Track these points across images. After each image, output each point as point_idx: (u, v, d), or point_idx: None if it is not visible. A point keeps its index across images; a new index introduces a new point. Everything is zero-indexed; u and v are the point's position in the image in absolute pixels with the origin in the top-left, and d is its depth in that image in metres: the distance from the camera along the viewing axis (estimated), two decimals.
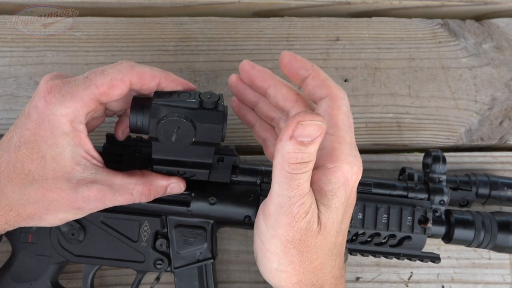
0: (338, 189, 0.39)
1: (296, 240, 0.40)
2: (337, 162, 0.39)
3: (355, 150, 0.41)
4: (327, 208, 0.40)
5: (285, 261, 0.41)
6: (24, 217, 0.43)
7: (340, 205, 0.40)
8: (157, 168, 0.46)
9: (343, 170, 0.39)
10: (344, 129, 0.41)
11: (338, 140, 0.40)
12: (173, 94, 0.44)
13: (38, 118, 0.41)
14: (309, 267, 0.41)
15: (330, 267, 0.42)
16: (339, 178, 0.39)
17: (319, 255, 0.41)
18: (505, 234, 0.51)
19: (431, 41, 0.67)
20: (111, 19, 0.66)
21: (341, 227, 0.41)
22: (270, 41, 0.66)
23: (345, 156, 0.40)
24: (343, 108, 0.41)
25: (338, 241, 0.42)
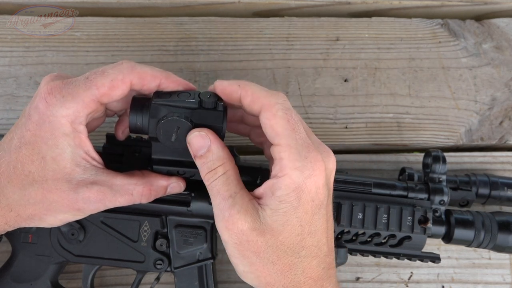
0: (287, 195, 0.39)
1: (244, 242, 0.40)
2: (285, 170, 0.39)
3: (305, 151, 0.40)
4: (273, 212, 0.40)
5: (246, 263, 0.41)
6: (24, 217, 0.43)
7: (292, 210, 0.40)
8: (157, 168, 0.46)
9: (292, 178, 0.39)
10: (285, 134, 0.40)
11: (283, 149, 0.40)
12: (172, 94, 0.44)
13: (39, 119, 0.41)
14: (273, 268, 0.41)
15: (302, 268, 0.41)
16: (288, 185, 0.39)
17: (280, 255, 0.41)
18: (505, 234, 0.51)
19: (431, 41, 0.67)
20: (111, 19, 0.66)
21: (308, 229, 0.41)
22: (270, 41, 0.66)
23: (292, 163, 0.39)
24: (279, 114, 0.40)
25: (307, 244, 0.41)
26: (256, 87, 0.42)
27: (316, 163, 0.40)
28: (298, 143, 0.40)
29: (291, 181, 0.39)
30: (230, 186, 0.41)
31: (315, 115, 0.63)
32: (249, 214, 0.40)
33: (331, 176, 0.43)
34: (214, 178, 0.41)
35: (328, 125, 0.63)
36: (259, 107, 0.41)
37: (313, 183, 0.40)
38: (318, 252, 0.42)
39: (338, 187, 0.51)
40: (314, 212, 0.41)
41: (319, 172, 0.40)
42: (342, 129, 0.63)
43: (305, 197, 0.40)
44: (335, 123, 0.63)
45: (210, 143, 0.41)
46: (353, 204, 0.50)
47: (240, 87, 0.42)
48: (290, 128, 0.40)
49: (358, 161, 0.62)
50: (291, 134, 0.40)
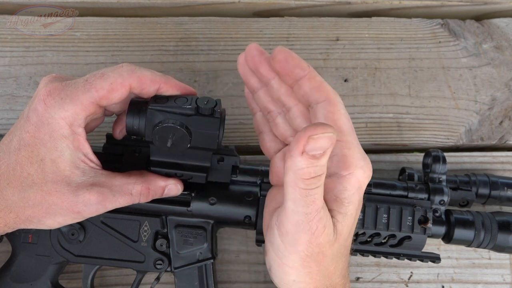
0: (353, 196, 0.39)
1: (315, 254, 0.39)
2: (351, 168, 0.38)
3: (364, 153, 0.40)
4: (344, 216, 0.39)
5: (303, 273, 0.40)
6: (23, 219, 0.43)
7: (355, 211, 0.39)
8: (155, 170, 0.46)
9: (357, 176, 0.38)
10: (349, 133, 0.40)
11: (347, 146, 0.39)
12: (170, 98, 0.44)
13: (38, 121, 0.41)
14: (325, 273, 0.41)
15: (341, 269, 0.42)
16: (354, 185, 0.38)
17: (337, 261, 0.41)
18: (505, 234, 0.51)
19: (431, 41, 0.67)
20: (111, 19, 0.66)
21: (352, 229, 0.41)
22: (270, 41, 0.66)
23: (357, 161, 0.39)
24: (342, 112, 0.40)
25: (347, 244, 0.42)
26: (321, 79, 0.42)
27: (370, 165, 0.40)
28: (357, 142, 0.40)
29: (356, 180, 0.38)
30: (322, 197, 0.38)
31: None
32: (331, 227, 0.38)
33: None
34: (316, 185, 0.36)
35: None
36: (323, 98, 0.40)
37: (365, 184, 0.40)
38: (348, 251, 0.43)
39: None
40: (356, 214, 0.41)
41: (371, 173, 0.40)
42: None
43: (360, 197, 0.39)
44: None
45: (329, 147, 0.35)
46: None
47: (310, 68, 0.41)
48: (351, 127, 0.40)
49: None
50: (352, 132, 0.40)
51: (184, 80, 0.63)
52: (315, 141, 0.34)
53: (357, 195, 0.39)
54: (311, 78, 0.41)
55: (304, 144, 0.34)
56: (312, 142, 0.34)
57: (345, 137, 0.39)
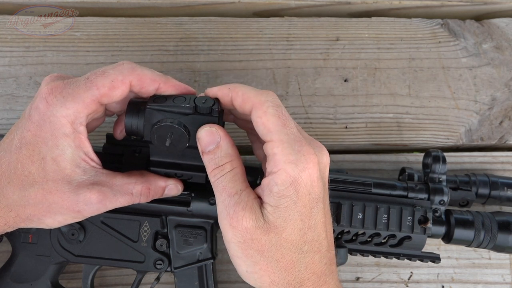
0: (285, 190, 0.39)
1: (248, 240, 0.40)
2: (279, 165, 0.39)
3: (298, 145, 0.40)
4: (274, 208, 0.40)
5: (249, 263, 0.41)
6: (23, 218, 0.43)
7: (292, 204, 0.40)
8: (154, 170, 0.46)
9: (287, 171, 0.39)
10: (277, 130, 0.40)
11: (276, 145, 0.40)
12: (168, 98, 0.44)
13: (39, 119, 0.41)
14: (277, 266, 0.41)
15: (305, 264, 0.41)
16: (285, 180, 0.39)
17: (283, 252, 0.41)
18: (505, 234, 0.51)
19: (431, 41, 0.67)
20: (111, 19, 0.66)
21: (308, 223, 0.41)
22: (270, 41, 0.66)
23: (286, 157, 0.39)
24: (269, 111, 0.41)
25: (308, 238, 0.41)
26: (246, 87, 0.43)
27: (309, 156, 0.40)
28: (290, 137, 0.40)
29: (287, 175, 0.39)
30: (237, 183, 0.41)
31: (315, 115, 0.63)
32: (254, 212, 0.40)
33: (326, 171, 0.43)
34: (221, 174, 0.41)
35: (328, 125, 0.63)
36: (250, 106, 0.42)
37: (308, 176, 0.40)
38: (319, 247, 0.42)
39: (338, 187, 0.51)
40: (312, 206, 0.41)
41: (312, 165, 0.40)
42: (342, 129, 0.63)
43: (302, 190, 0.40)
44: (335, 123, 0.63)
45: (219, 139, 0.42)
46: (353, 204, 0.50)
47: (230, 89, 0.43)
48: (281, 124, 0.40)
49: (358, 161, 0.62)
50: (282, 129, 0.40)
51: (184, 80, 0.63)
52: (202, 139, 0.42)
53: (292, 189, 0.39)
54: (235, 97, 0.43)
55: (200, 145, 0.42)
56: (201, 141, 0.42)
57: (273, 136, 0.40)
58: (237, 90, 0.43)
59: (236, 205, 0.40)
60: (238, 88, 0.43)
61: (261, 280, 0.42)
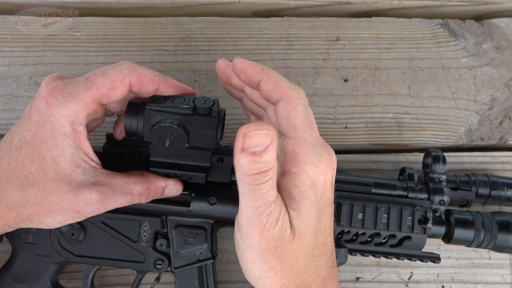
0: (306, 192, 0.39)
1: (271, 248, 0.39)
2: (300, 165, 0.39)
3: (320, 149, 0.40)
4: (298, 213, 0.39)
5: (265, 268, 0.41)
6: (23, 218, 0.43)
7: (312, 207, 0.39)
8: (154, 170, 0.46)
9: (308, 172, 0.39)
10: (303, 129, 0.40)
11: (299, 143, 0.39)
12: (168, 99, 0.44)
13: (39, 119, 0.41)
14: (291, 271, 0.41)
15: (314, 267, 0.41)
16: (305, 181, 0.39)
17: (299, 258, 0.40)
18: (505, 234, 0.51)
19: (431, 41, 0.67)
20: (111, 19, 0.66)
21: (319, 227, 0.41)
22: (270, 41, 0.66)
23: (308, 158, 0.39)
24: (299, 108, 0.40)
25: (318, 242, 0.41)
26: (279, 75, 0.42)
27: (328, 162, 0.40)
28: (313, 139, 0.40)
29: (307, 176, 0.39)
30: (274, 191, 0.38)
31: (315, 115, 0.62)
32: (285, 221, 0.39)
33: (334, 175, 0.42)
34: (262, 180, 0.37)
35: (328, 125, 0.63)
36: (279, 97, 0.41)
37: (324, 180, 0.40)
38: (326, 250, 0.42)
39: (338, 187, 0.51)
40: (323, 210, 0.41)
41: (329, 170, 0.40)
42: (342, 129, 0.63)
43: (318, 193, 0.39)
44: (335, 123, 0.63)
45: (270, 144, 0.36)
46: (353, 204, 0.50)
47: (264, 71, 0.41)
48: (307, 124, 0.40)
49: (358, 161, 0.62)
50: (308, 130, 0.40)
51: (184, 80, 0.63)
52: (250, 139, 0.35)
53: (311, 191, 0.39)
54: (265, 81, 0.41)
55: (242, 141, 0.35)
56: (248, 140, 0.35)
57: (298, 134, 0.39)
58: (270, 74, 0.41)
59: (271, 215, 0.38)
60: (271, 73, 0.41)
61: (272, 285, 0.41)
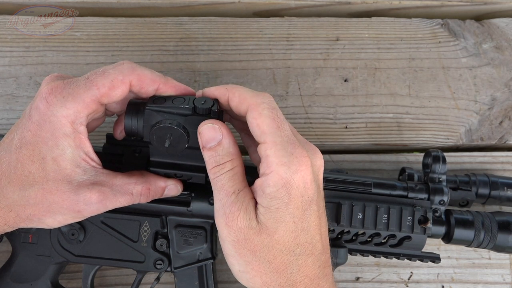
0: (277, 192, 0.40)
1: (241, 240, 0.41)
2: (272, 166, 0.40)
3: (291, 147, 0.40)
4: (266, 210, 0.40)
5: (242, 262, 0.42)
6: (23, 218, 0.43)
7: (283, 206, 0.40)
8: (154, 170, 0.46)
9: (279, 173, 0.39)
10: (271, 132, 0.40)
11: (269, 146, 0.40)
12: (167, 99, 0.44)
13: (39, 119, 0.41)
14: (269, 267, 0.41)
15: (298, 266, 0.41)
16: (277, 181, 0.39)
17: (275, 254, 0.41)
18: (505, 234, 0.51)
19: (431, 41, 0.67)
20: (111, 19, 0.66)
21: (301, 225, 0.41)
22: (270, 41, 0.66)
23: (278, 159, 0.39)
24: (264, 113, 0.41)
25: (301, 241, 0.41)
26: (242, 88, 0.43)
27: (302, 159, 0.40)
28: (283, 140, 0.40)
29: (279, 177, 0.39)
30: (235, 182, 0.41)
31: (315, 115, 0.63)
32: (248, 212, 0.40)
33: (320, 173, 0.43)
34: (220, 172, 0.41)
35: (328, 125, 0.63)
36: (246, 107, 0.42)
37: (301, 178, 0.40)
38: (313, 250, 0.42)
39: (338, 187, 0.51)
40: (304, 208, 0.41)
41: (305, 167, 0.40)
42: (342, 129, 0.63)
43: (294, 192, 0.40)
44: (335, 123, 0.63)
45: (221, 137, 0.41)
46: (353, 204, 0.50)
47: (228, 89, 0.43)
48: (275, 126, 0.40)
49: (358, 161, 0.62)
50: (276, 131, 0.40)
51: (184, 80, 0.63)
52: (203, 135, 0.41)
53: (283, 191, 0.40)
54: (231, 97, 0.43)
55: (200, 140, 0.42)
56: (202, 136, 0.42)
57: (268, 138, 0.40)
58: (234, 90, 0.43)
59: (232, 205, 0.40)
60: (235, 88, 0.43)
61: (253, 280, 0.42)
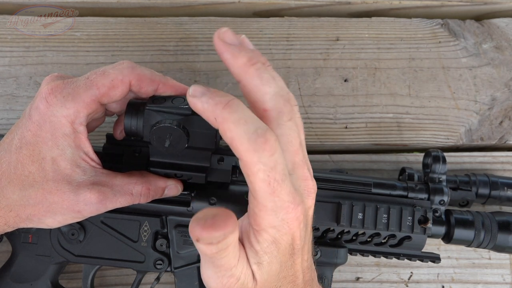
0: (267, 248, 0.37)
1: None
2: (261, 226, 0.36)
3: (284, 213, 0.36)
4: (259, 266, 0.37)
5: None
6: (23, 218, 0.43)
7: (274, 259, 0.38)
8: (154, 170, 0.46)
9: (269, 233, 0.36)
10: (263, 196, 0.35)
11: (259, 208, 0.36)
12: (167, 99, 0.44)
13: (39, 119, 0.41)
14: None
15: None
16: (266, 239, 0.37)
17: None
18: (505, 234, 0.51)
19: (431, 41, 0.67)
20: (111, 19, 0.66)
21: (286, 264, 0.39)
22: (270, 41, 0.66)
23: (268, 223, 0.36)
24: (259, 175, 0.34)
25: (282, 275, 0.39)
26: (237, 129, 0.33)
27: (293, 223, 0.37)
28: (276, 205, 0.36)
29: (268, 236, 0.37)
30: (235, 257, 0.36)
31: (315, 115, 0.63)
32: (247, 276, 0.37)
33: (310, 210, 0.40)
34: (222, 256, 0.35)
35: (328, 125, 0.63)
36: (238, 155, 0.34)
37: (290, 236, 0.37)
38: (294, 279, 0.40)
39: (338, 187, 0.51)
40: (292, 253, 0.39)
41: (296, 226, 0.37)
42: (342, 129, 0.63)
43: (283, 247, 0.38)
44: (335, 123, 0.63)
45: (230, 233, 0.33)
46: (353, 204, 0.50)
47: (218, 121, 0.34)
48: (269, 192, 0.35)
49: (358, 161, 0.62)
50: (269, 197, 0.35)
51: (184, 80, 0.63)
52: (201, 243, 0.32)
53: (274, 247, 0.37)
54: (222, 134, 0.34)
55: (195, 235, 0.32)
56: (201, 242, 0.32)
57: (258, 199, 0.36)
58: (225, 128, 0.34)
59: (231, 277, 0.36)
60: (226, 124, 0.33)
61: None
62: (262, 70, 0.36)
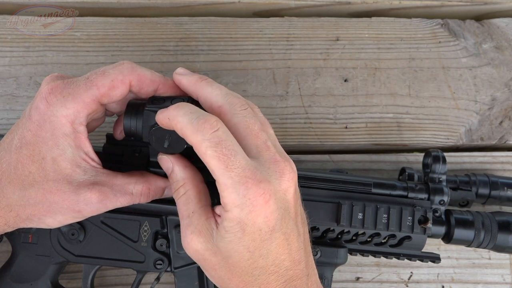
0: (231, 227, 0.38)
1: (200, 260, 0.41)
2: (227, 207, 0.38)
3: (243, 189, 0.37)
4: (221, 238, 0.39)
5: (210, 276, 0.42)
6: (23, 218, 0.43)
7: (235, 239, 0.39)
8: (154, 170, 0.46)
9: (233, 214, 0.38)
10: (220, 174, 0.38)
11: (221, 188, 0.38)
12: (166, 100, 0.44)
13: (39, 119, 0.41)
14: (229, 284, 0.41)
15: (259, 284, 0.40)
16: (232, 219, 0.38)
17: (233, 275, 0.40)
18: (505, 234, 0.51)
19: (431, 41, 0.67)
20: (111, 19, 0.66)
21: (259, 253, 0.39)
22: (270, 41, 0.66)
23: (231, 202, 0.38)
24: (208, 153, 0.37)
25: (260, 264, 0.40)
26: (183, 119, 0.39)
27: (256, 199, 0.37)
28: (234, 181, 0.37)
29: (233, 216, 0.38)
30: (189, 205, 0.42)
31: (315, 115, 0.63)
32: (202, 235, 0.40)
33: (286, 195, 0.40)
34: (177, 198, 0.43)
35: (328, 125, 0.63)
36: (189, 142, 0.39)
37: (257, 217, 0.38)
38: (276, 269, 0.40)
39: (338, 187, 0.51)
40: (264, 239, 0.39)
41: (261, 206, 0.38)
42: (342, 129, 0.63)
43: (249, 229, 0.38)
44: (335, 123, 0.63)
45: (172, 165, 0.43)
46: (353, 204, 0.50)
47: (170, 120, 0.40)
48: (223, 167, 0.37)
49: (358, 161, 0.62)
50: (225, 172, 0.37)
51: None
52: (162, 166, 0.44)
53: (237, 227, 0.38)
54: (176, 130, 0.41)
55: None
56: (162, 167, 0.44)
57: (217, 178, 0.38)
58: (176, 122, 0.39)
59: (186, 228, 0.41)
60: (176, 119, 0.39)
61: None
62: (211, 82, 0.43)
